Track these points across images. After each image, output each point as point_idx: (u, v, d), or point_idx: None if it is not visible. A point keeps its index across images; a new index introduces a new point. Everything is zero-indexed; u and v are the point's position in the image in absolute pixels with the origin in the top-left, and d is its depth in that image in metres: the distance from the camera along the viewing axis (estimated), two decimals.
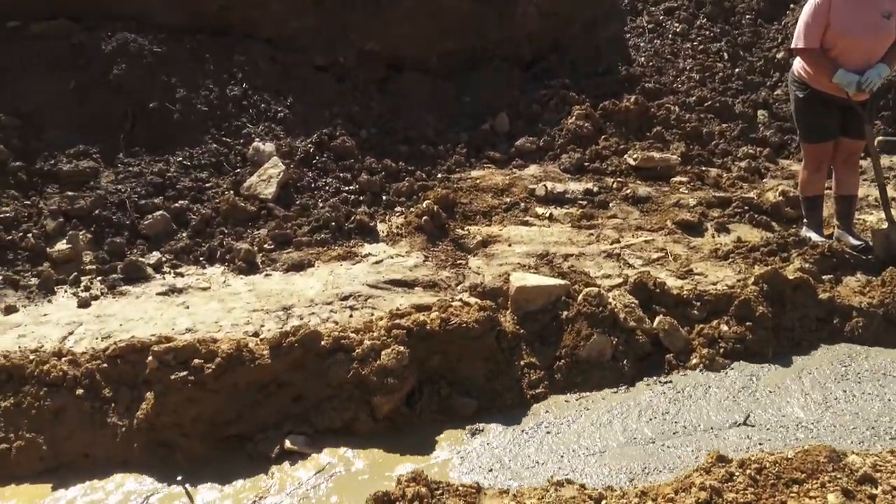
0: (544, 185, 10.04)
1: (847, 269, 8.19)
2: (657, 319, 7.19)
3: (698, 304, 7.37)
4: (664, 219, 9.41)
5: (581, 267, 8.22)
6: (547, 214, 9.52)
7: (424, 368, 6.93)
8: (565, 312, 7.34)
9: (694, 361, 7.00)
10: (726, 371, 6.89)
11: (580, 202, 9.84)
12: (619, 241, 8.92)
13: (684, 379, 6.83)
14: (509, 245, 8.82)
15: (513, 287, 7.52)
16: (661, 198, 9.96)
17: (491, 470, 5.99)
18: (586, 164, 10.72)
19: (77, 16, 10.04)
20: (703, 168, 10.86)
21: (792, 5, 14.27)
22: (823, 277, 7.87)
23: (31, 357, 6.51)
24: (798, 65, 8.45)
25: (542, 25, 12.51)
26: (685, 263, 8.40)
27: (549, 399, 6.86)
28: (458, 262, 8.51)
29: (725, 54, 13.72)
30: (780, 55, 13.40)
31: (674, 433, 6.13)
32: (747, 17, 14.36)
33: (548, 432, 6.43)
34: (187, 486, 5.81)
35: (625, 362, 7.09)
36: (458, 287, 7.99)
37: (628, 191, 10.06)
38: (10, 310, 7.38)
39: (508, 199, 9.84)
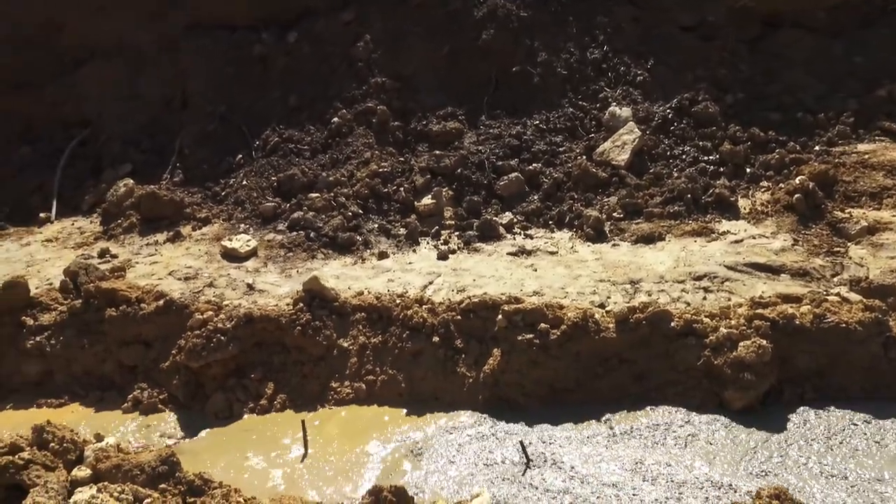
0: None
1: None
2: None
3: None
4: None
5: None
6: None
7: (787, 367, 6.14)
8: None
9: None
10: None
11: None
12: None
13: None
14: None
15: None
16: None
17: None
18: None
19: None
20: None
21: None
22: None
23: (398, 301, 7.15)
24: None
25: None
26: None
27: None
28: (836, 249, 7.38)
29: None
30: None
31: None
32: None
33: None
34: (522, 440, 5.91)
35: None
36: (835, 279, 6.92)
37: None
38: (382, 255, 8.19)
39: None
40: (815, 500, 5.01)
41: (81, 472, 5.07)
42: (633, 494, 5.33)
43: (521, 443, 5.87)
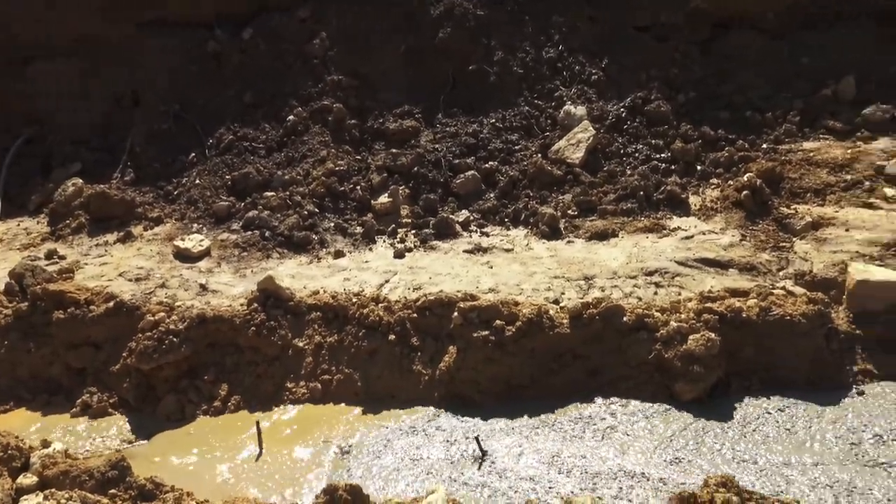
0: None
1: None
2: None
3: None
4: None
5: None
6: None
7: (735, 359, 6.28)
8: None
9: None
10: None
11: None
12: None
13: None
14: (846, 230, 7.62)
15: (852, 280, 6.47)
16: None
17: None
18: None
19: None
20: None
21: None
22: None
23: (354, 300, 7.12)
24: None
25: None
26: None
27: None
28: (782, 244, 7.57)
29: None
30: None
31: None
32: None
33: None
34: (479, 437, 5.95)
35: None
36: (781, 273, 7.10)
37: None
38: (338, 254, 8.16)
39: (849, 177, 8.49)
40: None
41: (27, 479, 4.96)
42: (549, 488, 5.46)
43: (477, 438, 5.91)
